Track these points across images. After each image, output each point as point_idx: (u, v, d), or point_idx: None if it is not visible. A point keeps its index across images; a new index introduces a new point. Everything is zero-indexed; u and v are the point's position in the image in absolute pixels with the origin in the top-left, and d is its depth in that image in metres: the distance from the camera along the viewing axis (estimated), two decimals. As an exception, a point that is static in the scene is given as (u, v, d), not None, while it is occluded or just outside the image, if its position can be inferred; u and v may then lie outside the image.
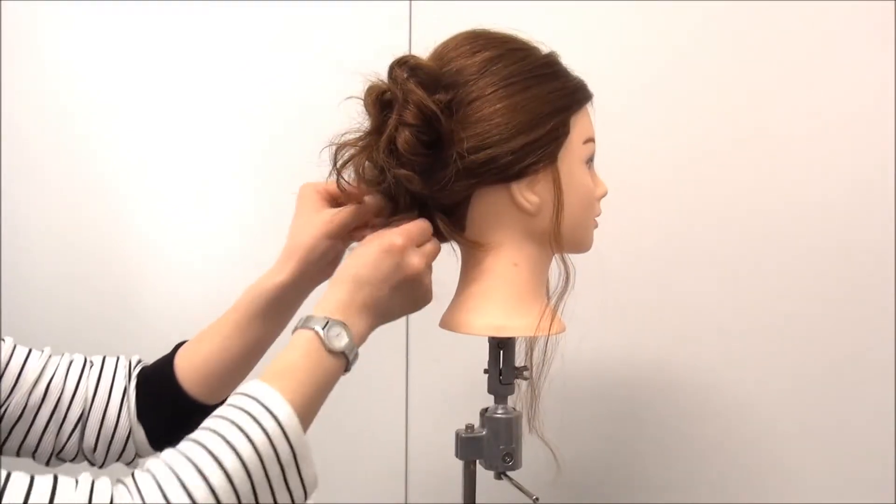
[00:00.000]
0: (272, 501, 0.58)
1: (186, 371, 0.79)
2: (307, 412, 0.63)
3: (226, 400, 0.62)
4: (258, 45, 1.22)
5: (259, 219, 1.24)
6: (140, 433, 0.79)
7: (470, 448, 0.82)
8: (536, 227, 0.76)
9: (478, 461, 0.83)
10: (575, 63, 0.78)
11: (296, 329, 0.66)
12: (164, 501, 0.53)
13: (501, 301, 0.76)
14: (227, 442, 0.56)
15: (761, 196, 1.12)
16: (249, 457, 0.56)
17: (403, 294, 0.72)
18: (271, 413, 0.59)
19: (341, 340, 0.66)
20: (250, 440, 0.57)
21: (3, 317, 1.23)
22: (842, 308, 1.11)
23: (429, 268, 0.74)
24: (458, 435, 0.82)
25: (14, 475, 0.53)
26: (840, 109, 1.10)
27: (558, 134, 0.74)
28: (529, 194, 0.74)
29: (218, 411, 0.60)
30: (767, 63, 1.11)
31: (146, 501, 0.53)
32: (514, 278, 0.77)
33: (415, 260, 0.71)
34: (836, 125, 1.10)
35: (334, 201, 0.79)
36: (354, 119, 0.76)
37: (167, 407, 0.79)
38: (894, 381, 1.10)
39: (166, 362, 0.81)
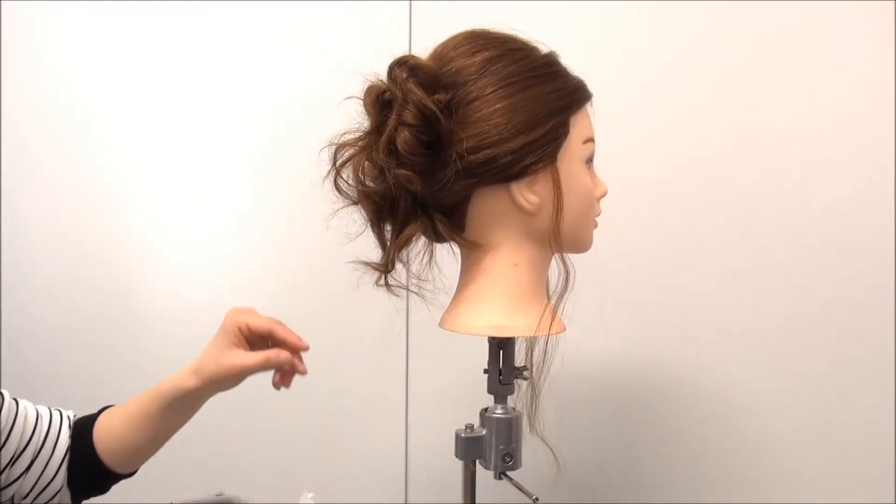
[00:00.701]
0: None
1: (101, 441, 0.82)
2: None
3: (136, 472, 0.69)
4: (258, 45, 1.22)
5: (259, 218, 1.24)
6: (66, 495, 0.82)
7: (470, 448, 0.82)
8: (536, 226, 0.76)
9: (478, 461, 0.83)
10: (575, 63, 0.78)
11: None
12: None
13: (501, 301, 0.76)
14: None
15: (761, 196, 1.12)
16: None
17: None
18: None
19: None
20: None
21: (3, 317, 1.23)
22: (842, 308, 1.11)
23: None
24: (458, 435, 0.82)
25: None
26: (840, 109, 1.10)
27: (558, 134, 0.74)
28: (529, 194, 0.74)
29: None
30: (767, 63, 1.11)
31: None
32: (514, 278, 0.77)
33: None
34: (836, 125, 1.10)
35: (255, 337, 0.81)
36: (354, 119, 0.76)
37: (85, 469, 0.82)
38: (894, 382, 1.10)
39: (88, 426, 0.83)
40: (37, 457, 0.79)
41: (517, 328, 0.76)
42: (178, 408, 0.81)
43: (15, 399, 0.81)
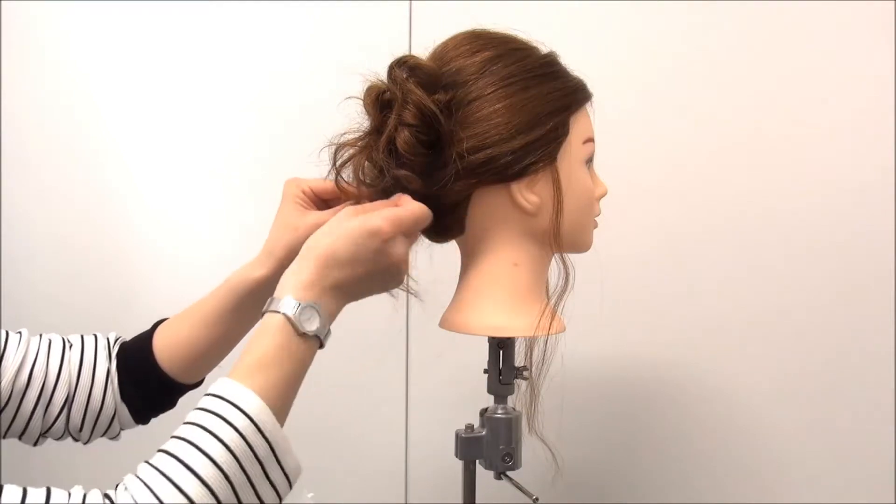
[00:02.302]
0: (256, 499, 0.57)
1: (164, 352, 0.80)
2: (282, 402, 0.61)
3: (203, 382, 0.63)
4: (258, 45, 1.22)
5: (259, 218, 1.23)
6: (124, 411, 0.80)
7: (470, 448, 0.82)
8: (536, 226, 0.76)
9: (478, 461, 0.83)
10: (575, 63, 0.78)
11: (264, 312, 0.64)
12: None
13: (501, 301, 0.76)
14: (201, 450, 0.55)
15: (761, 196, 1.12)
16: (225, 460, 0.55)
17: (377, 279, 0.69)
18: (242, 411, 0.57)
19: (313, 323, 0.63)
20: (223, 443, 0.56)
21: (2, 317, 1.23)
22: (841, 308, 1.11)
23: (408, 254, 0.72)
24: (458, 435, 0.82)
25: (7, 488, 0.53)
26: (840, 109, 1.10)
27: (558, 134, 0.74)
28: (529, 194, 0.74)
29: (190, 416, 0.59)
30: (767, 64, 1.11)
31: None
32: (515, 278, 0.77)
33: (398, 249, 0.68)
34: (836, 125, 1.10)
35: (319, 200, 0.79)
36: (354, 119, 0.76)
37: (147, 385, 0.80)
38: (894, 381, 1.10)
39: (145, 341, 0.81)
40: (75, 389, 0.78)
41: (517, 328, 0.76)
42: (250, 304, 0.76)
43: (41, 335, 0.79)
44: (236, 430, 0.56)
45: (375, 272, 0.68)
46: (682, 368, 1.16)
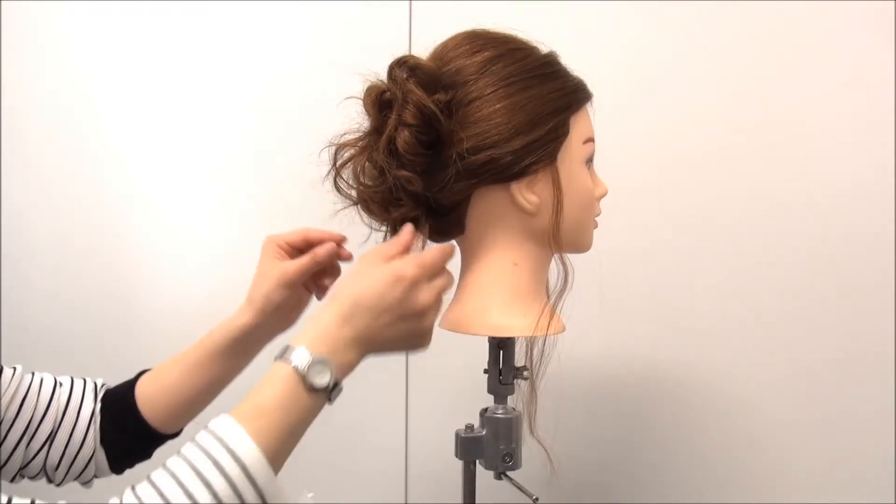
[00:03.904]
0: None
1: (146, 399, 0.81)
2: (280, 450, 0.59)
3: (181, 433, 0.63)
4: (258, 45, 1.22)
5: (259, 218, 1.24)
6: (101, 455, 0.81)
7: (470, 448, 0.82)
8: (536, 226, 0.76)
9: (478, 461, 0.83)
10: (575, 63, 0.78)
11: (276, 359, 0.62)
12: None
13: (501, 301, 0.76)
14: (188, 492, 0.54)
15: (760, 195, 1.12)
16: None
17: (402, 331, 0.67)
18: (236, 458, 0.56)
19: (322, 378, 0.61)
20: (212, 490, 0.54)
21: (2, 317, 1.23)
22: (841, 307, 1.11)
23: (437, 304, 0.69)
24: (458, 435, 0.82)
25: None
26: (840, 109, 1.10)
27: (558, 134, 0.74)
28: (529, 194, 0.74)
29: (184, 449, 0.57)
30: (767, 63, 1.11)
31: None
32: (514, 278, 0.77)
33: (424, 295, 0.67)
34: (836, 124, 1.10)
35: (294, 250, 0.81)
36: (354, 119, 0.76)
37: (126, 431, 0.81)
38: (894, 381, 1.10)
39: (129, 387, 0.82)
40: (59, 425, 0.78)
41: (516, 328, 0.76)
42: (233, 352, 0.79)
43: (33, 373, 0.80)
44: (227, 478, 0.55)
45: (397, 322, 0.66)
46: (681, 369, 1.16)
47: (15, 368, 0.79)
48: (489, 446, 0.81)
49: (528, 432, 0.81)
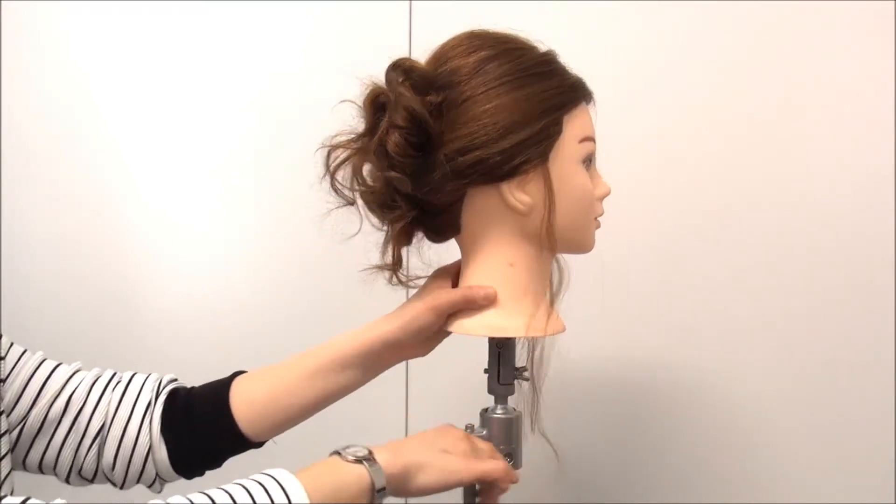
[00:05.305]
0: None
1: (242, 401, 0.78)
2: None
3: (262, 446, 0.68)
4: (258, 45, 1.22)
5: (259, 218, 1.24)
6: (162, 452, 0.77)
7: (470, 448, 0.81)
8: (530, 227, 0.75)
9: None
10: (575, 62, 0.78)
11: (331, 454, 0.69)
12: None
13: (498, 301, 0.76)
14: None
15: (761, 195, 1.12)
16: None
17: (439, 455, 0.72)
18: (286, 494, 0.60)
19: (360, 452, 0.69)
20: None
21: (2, 317, 1.23)
22: (842, 307, 1.11)
23: (474, 461, 0.73)
24: (458, 435, 0.82)
25: None
26: (840, 108, 1.10)
27: (549, 133, 0.73)
28: (520, 194, 0.73)
29: (238, 480, 0.61)
30: (767, 63, 1.11)
31: None
32: (511, 278, 0.76)
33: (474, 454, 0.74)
34: (836, 124, 1.10)
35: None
36: (352, 120, 0.76)
37: (209, 432, 0.78)
38: (894, 381, 1.10)
39: (220, 387, 0.80)
40: (111, 421, 0.76)
41: (513, 328, 0.76)
42: (362, 363, 0.78)
43: (79, 370, 0.79)
44: None
45: (440, 451, 0.72)
46: (681, 369, 1.16)
47: (72, 364, 0.78)
48: (489, 446, 0.81)
49: (531, 432, 0.81)
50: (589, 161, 0.77)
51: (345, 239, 0.78)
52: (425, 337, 0.79)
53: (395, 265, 0.78)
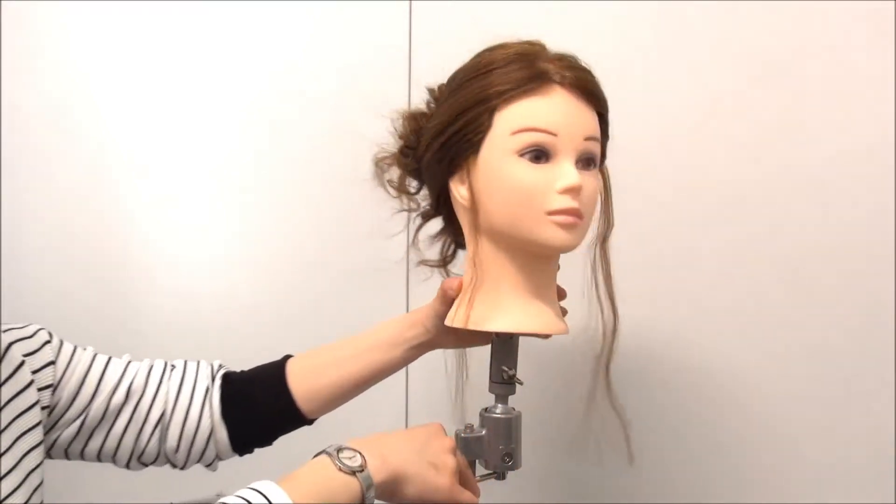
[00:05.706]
0: None
1: (299, 378, 0.83)
2: None
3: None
4: (258, 45, 1.22)
5: (260, 216, 1.24)
6: (222, 433, 0.82)
7: (470, 448, 0.82)
8: (481, 221, 0.76)
9: (477, 461, 0.83)
10: (575, 62, 0.78)
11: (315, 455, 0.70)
12: None
13: (480, 297, 0.77)
14: None
15: (762, 195, 1.12)
16: None
17: (424, 467, 0.74)
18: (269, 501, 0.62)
19: (354, 461, 0.68)
20: None
21: (3, 315, 1.23)
22: (842, 307, 1.11)
23: (453, 473, 0.76)
24: (457, 435, 0.82)
25: None
26: (840, 108, 1.10)
27: (475, 128, 0.74)
28: (461, 188, 0.77)
29: (223, 498, 0.62)
30: (767, 63, 1.11)
31: None
32: (484, 274, 0.77)
33: (450, 458, 0.75)
34: (836, 123, 1.10)
35: None
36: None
37: (270, 409, 0.83)
38: (894, 381, 1.10)
39: (276, 367, 0.84)
40: (174, 408, 0.80)
41: (459, 319, 0.78)
42: (407, 342, 0.84)
43: (131, 361, 0.82)
44: None
45: (425, 463, 0.74)
46: (682, 368, 1.16)
47: (123, 357, 0.81)
48: (489, 446, 0.81)
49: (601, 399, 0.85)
50: (530, 152, 0.73)
51: (388, 237, 0.87)
52: (446, 326, 0.82)
53: (444, 262, 0.88)
